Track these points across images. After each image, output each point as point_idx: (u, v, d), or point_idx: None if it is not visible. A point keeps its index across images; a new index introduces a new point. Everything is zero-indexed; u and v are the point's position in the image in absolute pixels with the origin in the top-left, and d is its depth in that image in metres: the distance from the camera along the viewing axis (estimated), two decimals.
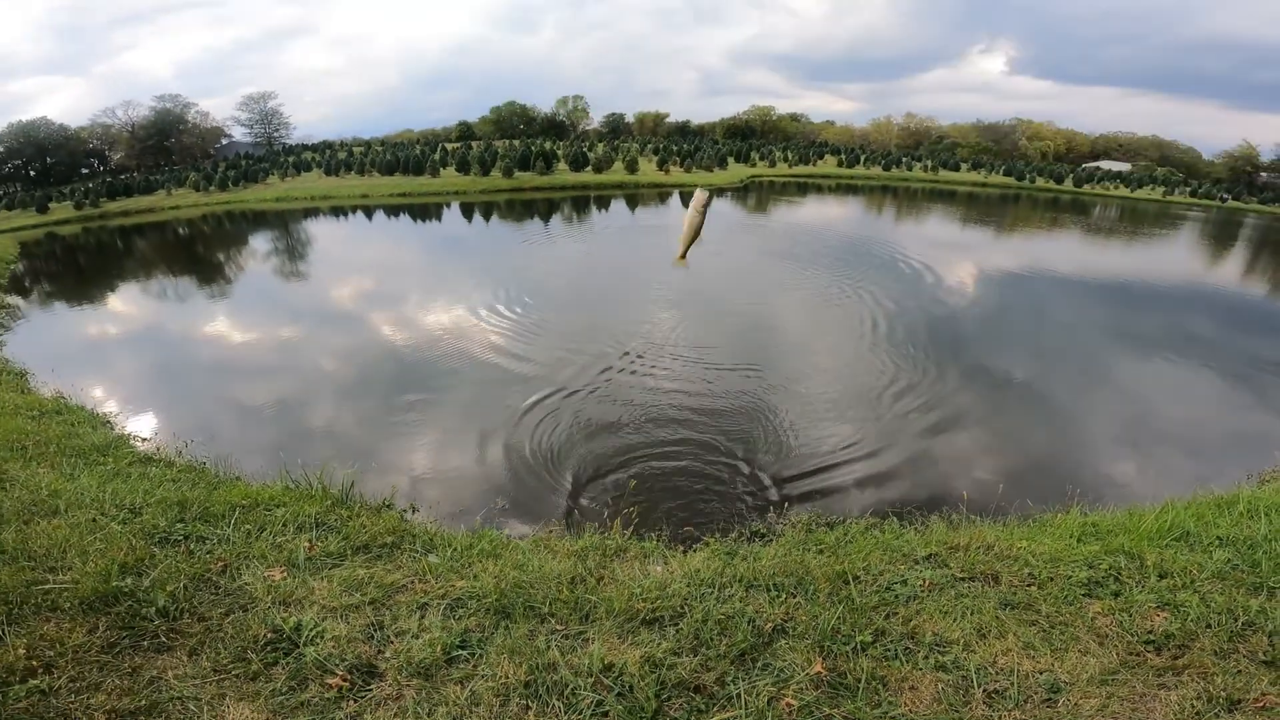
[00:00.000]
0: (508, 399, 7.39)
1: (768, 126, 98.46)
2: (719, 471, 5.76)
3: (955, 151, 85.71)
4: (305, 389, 8.28)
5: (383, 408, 7.50)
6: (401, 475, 5.77)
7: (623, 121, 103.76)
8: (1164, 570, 3.04)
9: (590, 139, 69.26)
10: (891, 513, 4.48)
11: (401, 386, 8.09)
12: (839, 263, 16.43)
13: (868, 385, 8.02)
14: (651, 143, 63.00)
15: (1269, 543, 3.24)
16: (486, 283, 13.48)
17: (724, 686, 2.34)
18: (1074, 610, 2.77)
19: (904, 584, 3.04)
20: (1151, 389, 8.58)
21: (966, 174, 62.97)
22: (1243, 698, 2.24)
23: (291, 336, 10.89)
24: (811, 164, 57.22)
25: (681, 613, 2.76)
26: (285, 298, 14.52)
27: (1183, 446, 6.76)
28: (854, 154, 63.36)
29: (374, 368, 9.03)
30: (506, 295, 12.23)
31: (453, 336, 10.06)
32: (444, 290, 13.68)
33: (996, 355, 9.61)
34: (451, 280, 14.91)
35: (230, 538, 3.28)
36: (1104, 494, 5.16)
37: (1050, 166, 71.15)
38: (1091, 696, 2.27)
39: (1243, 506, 3.87)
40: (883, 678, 2.39)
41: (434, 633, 2.56)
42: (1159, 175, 75.97)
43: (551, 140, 59.90)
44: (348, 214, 29.45)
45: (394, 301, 13.03)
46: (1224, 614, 2.67)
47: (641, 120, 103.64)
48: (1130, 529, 3.56)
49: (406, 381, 8.27)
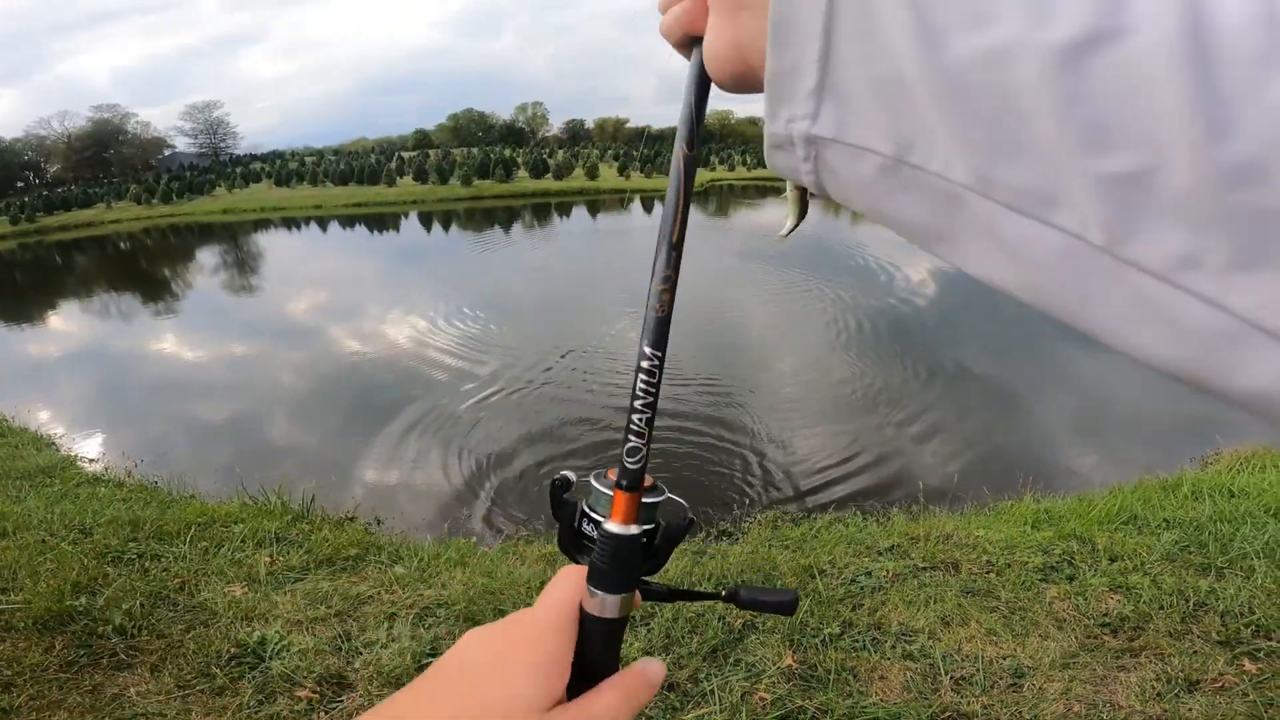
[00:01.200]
0: (457, 408, 7.32)
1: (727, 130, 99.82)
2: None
3: None
4: (258, 405, 8.05)
5: (341, 422, 7.34)
6: (363, 487, 5.68)
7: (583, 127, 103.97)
8: (1115, 553, 3.15)
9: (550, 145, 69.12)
10: (854, 506, 4.57)
11: (361, 399, 7.92)
12: (801, 263, 16.73)
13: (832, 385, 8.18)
14: (612, 148, 63.16)
15: (1214, 524, 3.40)
16: (443, 293, 13.30)
17: (697, 684, 2.36)
18: (1032, 595, 2.85)
19: (869, 575, 3.10)
20: (1096, 376, 8.96)
21: None
22: (1200, 678, 2.32)
23: (244, 353, 10.56)
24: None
25: (652, 612, 2.77)
26: (236, 313, 14.10)
27: (1128, 432, 7.07)
28: None
29: (330, 382, 8.83)
30: (459, 306, 12.06)
31: (411, 348, 9.90)
32: (399, 302, 13.42)
33: (950, 348, 9.90)
34: (407, 291, 14.64)
35: (186, 555, 3.23)
36: (1055, 481, 5.36)
37: None
38: (1055, 680, 2.34)
39: (1186, 489, 4.05)
40: (852, 668, 2.43)
41: (403, 642, 2.55)
42: None
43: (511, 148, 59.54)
44: (300, 226, 28.76)
45: (349, 315, 12.75)
46: (1175, 595, 2.77)
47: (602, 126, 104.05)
48: (1081, 514, 3.70)
49: (366, 394, 8.10)
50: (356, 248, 23.70)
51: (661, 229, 0.43)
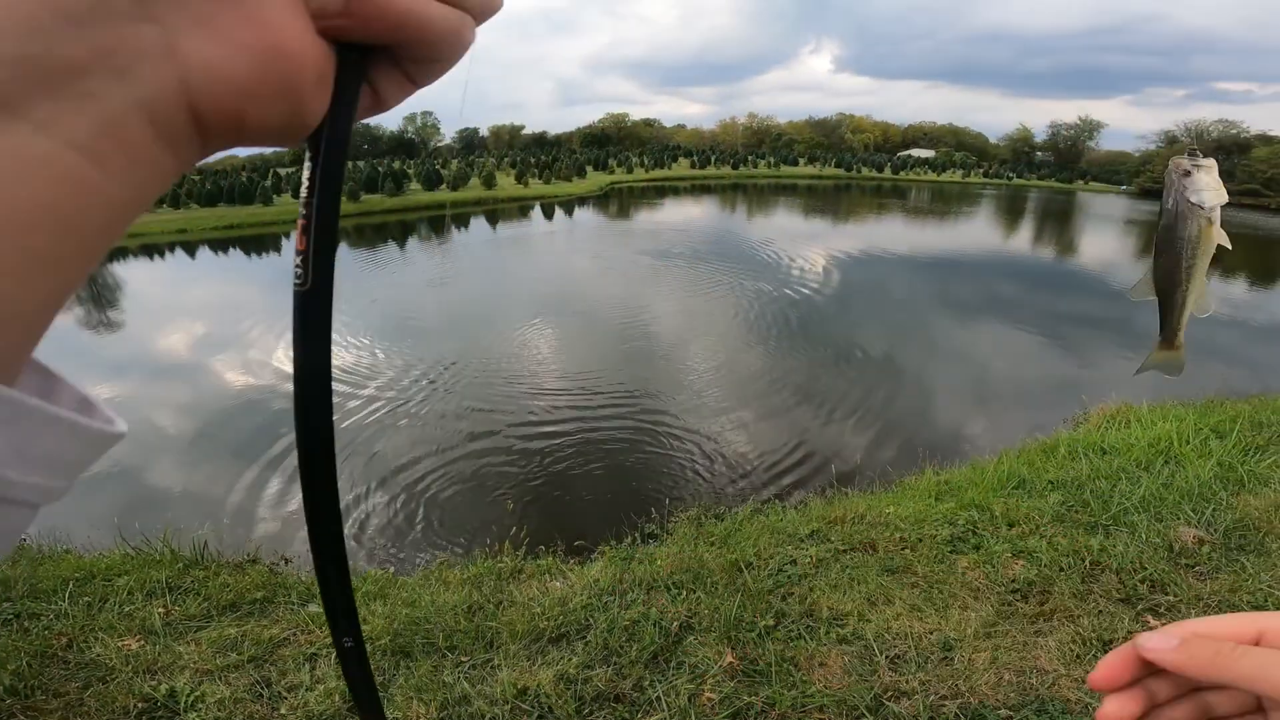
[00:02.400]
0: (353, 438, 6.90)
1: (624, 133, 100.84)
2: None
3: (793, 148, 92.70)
4: (134, 450, 7.19)
5: (228, 460, 6.71)
6: (263, 526, 5.27)
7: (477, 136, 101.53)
8: (1011, 519, 3.37)
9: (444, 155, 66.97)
10: (772, 496, 4.68)
11: (249, 436, 7.27)
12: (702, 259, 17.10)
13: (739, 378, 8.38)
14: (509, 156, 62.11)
15: (1093, 481, 3.72)
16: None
17: (643, 691, 2.31)
18: (946, 568, 2.99)
19: (794, 564, 3.16)
20: (977, 350, 9.74)
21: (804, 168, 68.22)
22: (1113, 637, 2.48)
23: (110, 394, 9.42)
24: (667, 168, 59.29)
25: (587, 625, 2.71)
26: (97, 352, 12.55)
27: (1008, 399, 7.72)
28: (705, 155, 66.48)
29: (212, 418, 8.04)
30: (345, 330, 11.36)
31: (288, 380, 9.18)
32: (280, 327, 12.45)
33: (848, 333, 10.44)
34: (285, 316, 13.58)
35: (68, 612, 2.93)
36: (950, 451, 5.75)
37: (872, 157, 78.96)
38: (981, 650, 2.44)
39: (1063, 450, 4.44)
40: (792, 658, 2.45)
41: (330, 682, 2.39)
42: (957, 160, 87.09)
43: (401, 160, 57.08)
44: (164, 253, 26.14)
45: (223, 346, 11.69)
46: (1071, 556, 2.98)
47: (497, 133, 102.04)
48: (976, 482, 3.96)
49: (254, 430, 7.44)
50: (231, 273, 21.88)
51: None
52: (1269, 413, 4.71)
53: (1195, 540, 3.04)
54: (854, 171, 66.67)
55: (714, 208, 34.62)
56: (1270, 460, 3.88)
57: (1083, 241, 27.97)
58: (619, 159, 58.00)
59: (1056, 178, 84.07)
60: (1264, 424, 4.48)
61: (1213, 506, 3.32)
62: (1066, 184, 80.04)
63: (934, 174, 71.52)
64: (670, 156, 66.07)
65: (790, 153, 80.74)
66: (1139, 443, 4.37)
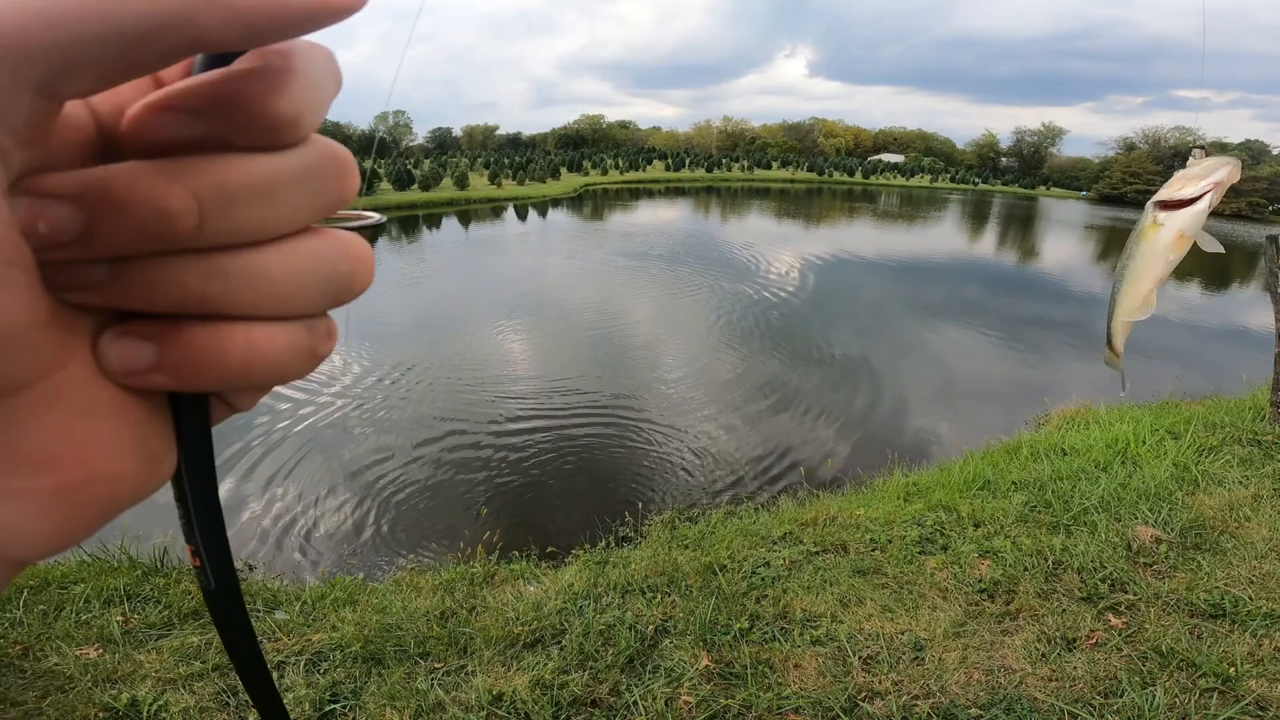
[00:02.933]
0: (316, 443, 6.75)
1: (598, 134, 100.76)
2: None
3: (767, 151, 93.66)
4: None
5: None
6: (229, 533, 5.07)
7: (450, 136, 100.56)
8: (977, 519, 3.44)
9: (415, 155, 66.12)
10: (745, 498, 4.70)
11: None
12: (678, 262, 17.16)
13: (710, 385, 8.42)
14: (482, 156, 61.55)
15: (1054, 482, 3.81)
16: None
17: (619, 696, 2.31)
18: (915, 569, 3.04)
19: (767, 566, 3.18)
20: (944, 353, 9.94)
21: (777, 172, 68.95)
22: (1076, 636, 2.54)
23: None
24: (641, 170, 59.39)
25: (562, 629, 2.70)
26: None
27: (974, 401, 7.89)
28: (680, 158, 66.75)
29: None
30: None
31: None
32: None
33: (818, 336, 10.57)
34: None
35: (23, 620, 2.85)
36: (917, 453, 5.85)
37: (844, 161, 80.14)
38: (951, 650, 2.49)
39: (1025, 451, 4.56)
40: (767, 660, 2.47)
41: (299, 690, 2.35)
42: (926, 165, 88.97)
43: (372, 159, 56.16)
44: None
45: None
46: (1035, 555, 3.05)
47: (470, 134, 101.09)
48: (943, 484, 4.04)
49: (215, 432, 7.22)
50: None
51: None
52: (1222, 414, 4.89)
53: (1153, 539, 3.13)
54: (826, 175, 67.64)
55: (688, 210, 34.79)
56: (1223, 460, 4.03)
57: (1044, 246, 28.78)
58: (594, 161, 57.91)
59: (1020, 183, 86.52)
60: (1217, 425, 4.64)
61: (1169, 506, 3.43)
62: (1029, 190, 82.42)
63: (903, 179, 72.97)
64: (645, 159, 66.21)
65: (764, 156, 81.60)
66: (1098, 444, 4.50)
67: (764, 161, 74.82)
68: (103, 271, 0.18)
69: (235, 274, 0.19)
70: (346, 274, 0.21)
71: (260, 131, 0.18)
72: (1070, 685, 2.29)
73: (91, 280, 0.18)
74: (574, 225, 27.10)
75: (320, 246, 0.21)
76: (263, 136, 0.18)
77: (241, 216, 0.18)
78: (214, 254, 0.18)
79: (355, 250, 0.22)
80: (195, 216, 0.17)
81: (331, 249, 0.21)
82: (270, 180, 0.18)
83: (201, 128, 0.17)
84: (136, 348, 0.19)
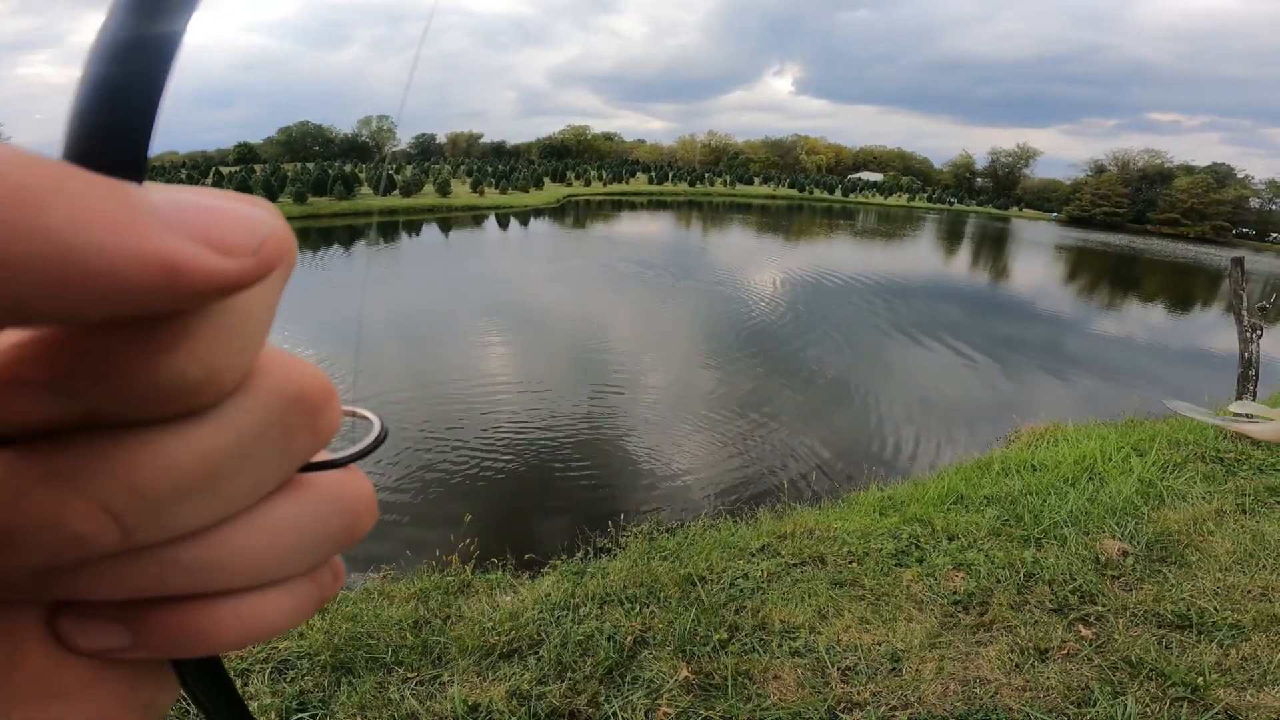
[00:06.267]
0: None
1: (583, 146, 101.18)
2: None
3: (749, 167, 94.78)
4: None
5: None
6: None
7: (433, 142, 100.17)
8: (951, 533, 3.49)
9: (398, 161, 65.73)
10: (724, 510, 4.71)
11: None
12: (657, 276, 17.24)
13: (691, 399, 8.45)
14: (465, 164, 61.38)
15: (1025, 497, 3.88)
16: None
17: (598, 708, 2.28)
18: (891, 580, 3.07)
19: (746, 578, 3.18)
20: (921, 371, 10.10)
21: (759, 188, 69.74)
22: (1048, 646, 2.58)
23: None
24: (625, 182, 59.68)
25: (540, 640, 2.66)
26: None
27: (949, 418, 8.02)
28: (663, 171, 67.21)
29: None
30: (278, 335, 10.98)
31: None
32: None
33: (797, 352, 10.68)
34: None
35: None
36: (893, 468, 5.93)
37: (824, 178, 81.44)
38: (928, 661, 2.51)
39: (997, 466, 4.64)
40: (746, 672, 2.46)
41: (264, 699, 2.28)
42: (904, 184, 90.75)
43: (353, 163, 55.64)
44: None
45: None
46: (1007, 568, 3.10)
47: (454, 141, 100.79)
48: (918, 498, 4.09)
49: None
50: None
51: None
52: (1185, 431, 5.03)
53: (1120, 553, 3.20)
54: (807, 192, 68.63)
55: (670, 224, 35.02)
56: (1187, 476, 4.14)
57: (1015, 267, 29.51)
58: (577, 171, 58.09)
59: (994, 204, 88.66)
60: (1180, 442, 4.78)
61: (1135, 520, 3.51)
62: (1003, 210, 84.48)
63: (881, 197, 74.36)
64: (629, 171, 66.60)
65: (746, 172, 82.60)
66: (1066, 460, 4.60)
67: (746, 177, 75.72)
68: (28, 578, 0.14)
69: (194, 566, 0.15)
70: (342, 529, 0.17)
71: (161, 402, 0.13)
72: (1044, 695, 2.32)
73: (17, 585, 0.14)
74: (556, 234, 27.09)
75: (302, 508, 0.17)
76: (167, 406, 0.13)
77: (178, 515, 0.14)
78: (158, 549, 0.14)
79: (349, 498, 0.17)
80: (115, 534, 0.13)
81: (317, 506, 0.17)
82: (202, 464, 0.14)
83: (75, 406, 0.12)
84: (105, 631, 0.15)
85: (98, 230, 0.11)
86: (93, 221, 0.11)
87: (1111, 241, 51.74)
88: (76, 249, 0.11)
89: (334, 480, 0.17)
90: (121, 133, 0.12)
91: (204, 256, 0.12)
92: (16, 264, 0.10)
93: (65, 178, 0.11)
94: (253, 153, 76.60)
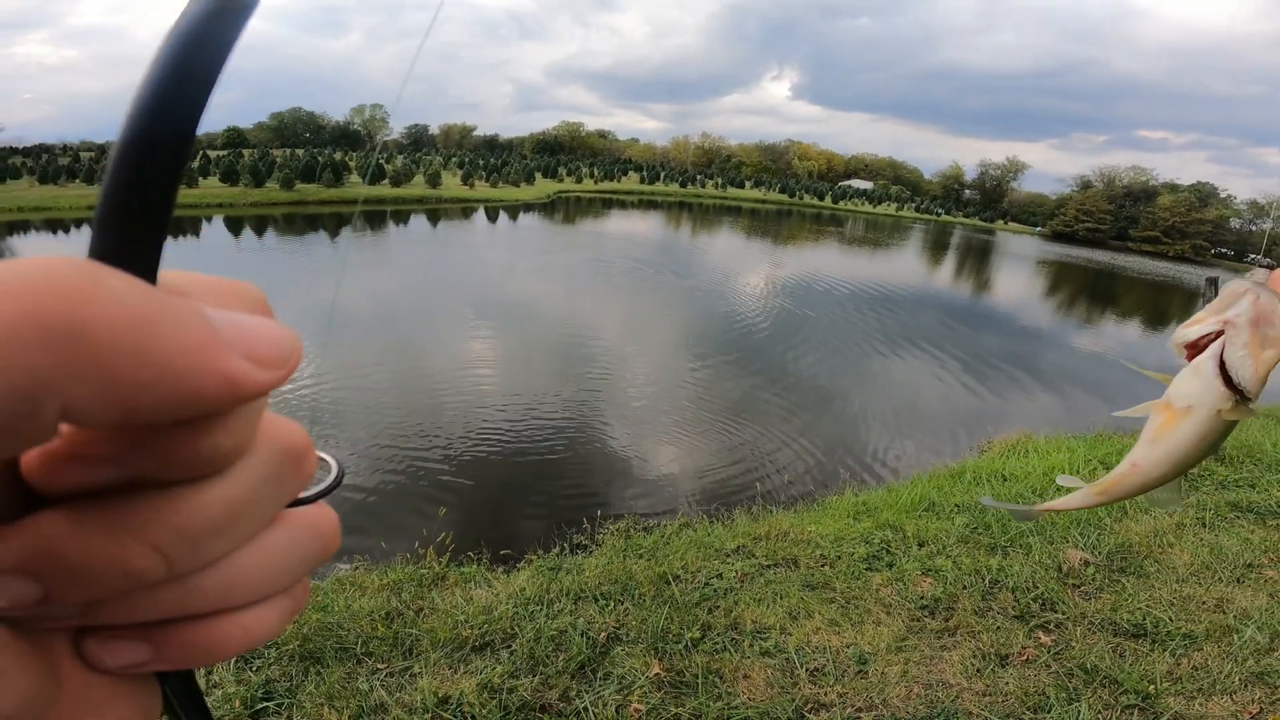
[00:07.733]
0: None
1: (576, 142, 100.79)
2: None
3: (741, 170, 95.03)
4: None
5: None
6: None
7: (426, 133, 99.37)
8: (922, 539, 3.56)
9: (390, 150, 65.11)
10: (700, 511, 4.75)
11: None
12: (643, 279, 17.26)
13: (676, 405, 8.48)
14: (457, 156, 60.94)
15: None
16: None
17: (569, 702, 2.30)
18: (861, 584, 3.12)
19: (720, 578, 3.22)
20: (900, 379, 10.23)
21: (750, 191, 70.01)
22: (1008, 652, 2.65)
23: None
24: (616, 180, 59.64)
25: (513, 634, 2.67)
26: None
27: (924, 426, 8.13)
28: (655, 171, 67.24)
29: None
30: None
31: None
32: None
33: (780, 358, 10.75)
34: None
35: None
36: (868, 474, 6.00)
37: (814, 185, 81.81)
38: (894, 664, 2.56)
39: (969, 475, 4.73)
40: (717, 670, 2.50)
41: (228, 688, 2.27)
42: (893, 193, 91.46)
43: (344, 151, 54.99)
44: (69, 229, 24.19)
45: None
46: (973, 575, 3.17)
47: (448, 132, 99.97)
48: (891, 504, 4.16)
49: None
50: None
51: None
52: None
53: (1081, 562, 3.29)
54: (797, 198, 69.02)
55: (660, 224, 35.04)
56: None
57: (998, 279, 29.93)
58: (569, 168, 57.92)
59: (980, 216, 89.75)
60: None
61: (1098, 531, 3.60)
62: (989, 223, 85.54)
63: (870, 205, 75.00)
64: (621, 170, 66.53)
65: (738, 175, 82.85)
66: (1035, 471, 4.70)
67: (737, 180, 75.96)
68: (75, 609, 0.17)
69: (210, 589, 0.19)
70: (317, 552, 0.22)
71: (199, 467, 0.17)
72: (1002, 700, 2.39)
73: (64, 615, 0.17)
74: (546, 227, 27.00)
75: (289, 536, 0.21)
76: (203, 469, 0.17)
77: (208, 549, 0.18)
78: (186, 578, 0.18)
79: (323, 527, 0.22)
80: (163, 568, 0.17)
81: (299, 534, 0.21)
82: (228, 509, 0.18)
83: (125, 473, 0.16)
84: (129, 649, 0.19)
85: (192, 355, 0.14)
86: (189, 347, 0.14)
87: (1094, 258, 52.68)
88: (176, 371, 0.14)
89: (309, 513, 0.22)
90: (143, 241, 0.16)
91: (254, 372, 0.16)
92: (131, 384, 0.14)
93: (167, 307, 0.14)
94: (241, 137, 75.51)
